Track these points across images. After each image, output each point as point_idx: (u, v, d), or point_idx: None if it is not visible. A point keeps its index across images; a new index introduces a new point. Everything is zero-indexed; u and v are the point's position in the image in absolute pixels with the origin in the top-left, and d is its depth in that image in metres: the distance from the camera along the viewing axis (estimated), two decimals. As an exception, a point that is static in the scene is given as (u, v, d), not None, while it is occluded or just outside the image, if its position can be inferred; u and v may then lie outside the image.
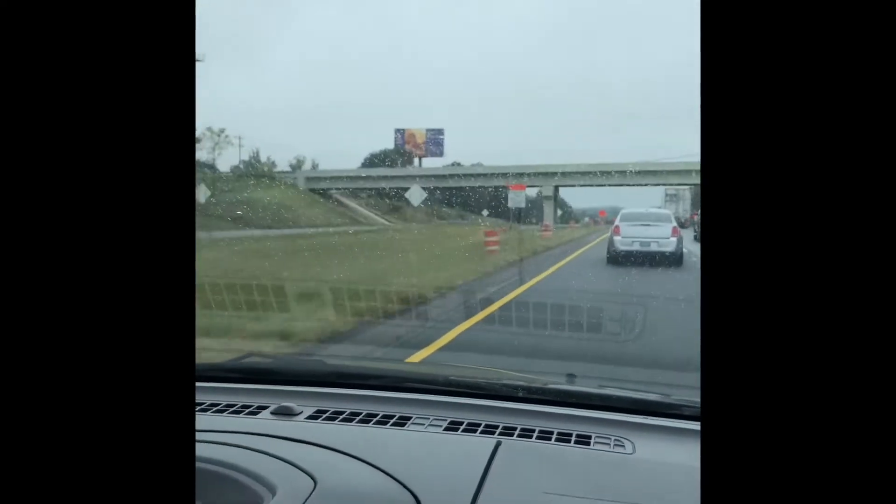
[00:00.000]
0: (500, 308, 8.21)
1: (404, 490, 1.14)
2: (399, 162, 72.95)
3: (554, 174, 55.91)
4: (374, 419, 1.52)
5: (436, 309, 8.09)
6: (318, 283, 8.84)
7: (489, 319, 7.46)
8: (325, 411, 1.60)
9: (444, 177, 62.09)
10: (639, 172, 52.83)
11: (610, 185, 56.83)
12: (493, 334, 6.78)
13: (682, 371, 4.90)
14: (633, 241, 16.33)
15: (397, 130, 76.61)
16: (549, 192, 57.64)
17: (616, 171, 53.58)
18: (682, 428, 1.49)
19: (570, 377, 1.92)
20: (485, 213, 63.92)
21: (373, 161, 76.89)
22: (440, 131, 76.31)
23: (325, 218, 47.76)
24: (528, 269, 14.12)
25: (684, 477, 1.23)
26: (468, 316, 7.50)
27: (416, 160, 74.62)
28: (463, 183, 60.54)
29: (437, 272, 11.51)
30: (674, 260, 16.08)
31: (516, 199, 34.37)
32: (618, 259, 16.24)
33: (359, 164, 76.03)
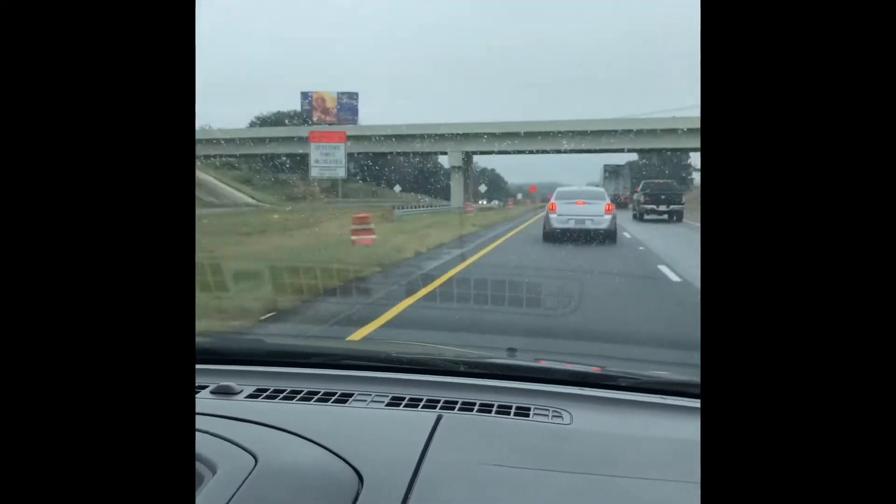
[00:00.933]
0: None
1: (346, 465, 1.16)
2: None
3: (471, 136, 45.94)
4: (316, 397, 1.53)
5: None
6: None
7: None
8: (265, 390, 1.59)
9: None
10: (575, 134, 44.46)
11: (535, 152, 49.13)
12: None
13: (617, 343, 5.05)
14: (568, 219, 16.72)
15: (304, 94, 70.61)
16: (456, 160, 47.86)
17: (545, 133, 44.79)
18: (619, 399, 1.56)
19: (511, 351, 1.97)
20: (397, 188, 56.33)
21: (263, 125, 70.41)
22: (353, 95, 70.44)
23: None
24: None
25: (620, 445, 1.31)
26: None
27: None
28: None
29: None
30: (608, 236, 16.55)
31: (326, 159, 20.28)
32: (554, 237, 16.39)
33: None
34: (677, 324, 6.20)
